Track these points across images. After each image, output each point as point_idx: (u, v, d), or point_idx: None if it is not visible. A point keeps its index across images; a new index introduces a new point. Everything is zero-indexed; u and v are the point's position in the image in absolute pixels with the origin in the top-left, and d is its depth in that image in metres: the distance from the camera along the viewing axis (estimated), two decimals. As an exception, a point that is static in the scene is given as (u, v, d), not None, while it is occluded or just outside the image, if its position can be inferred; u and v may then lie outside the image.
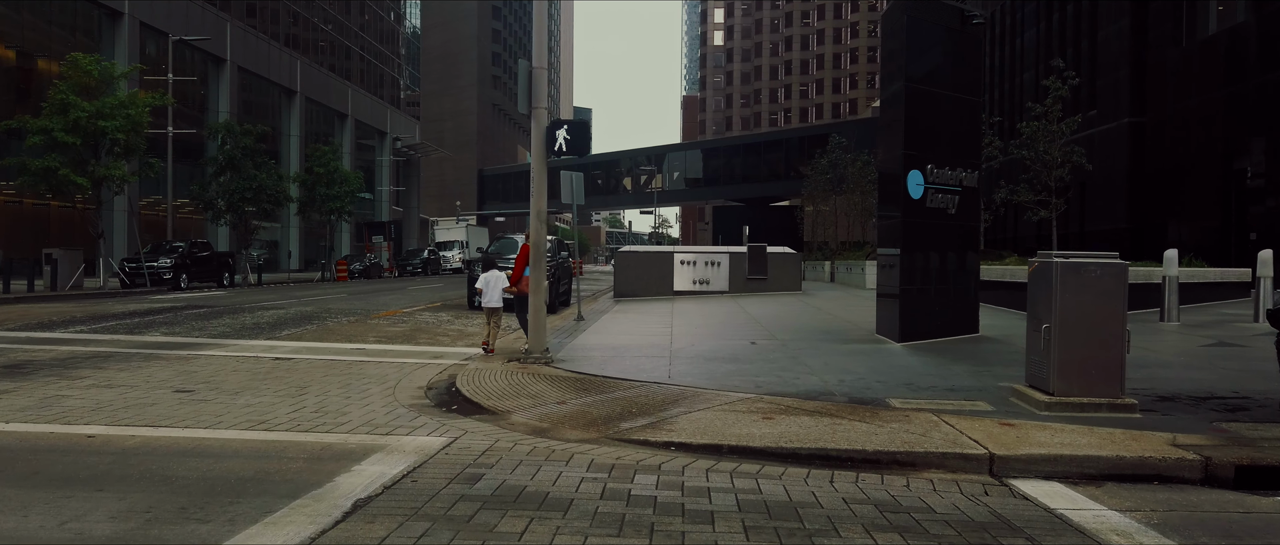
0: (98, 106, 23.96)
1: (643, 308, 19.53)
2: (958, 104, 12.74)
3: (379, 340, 13.17)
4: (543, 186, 10.17)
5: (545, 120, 10.11)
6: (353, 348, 12.09)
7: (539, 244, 10.11)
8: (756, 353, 10.94)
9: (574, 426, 6.79)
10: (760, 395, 7.89)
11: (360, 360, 10.79)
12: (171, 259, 27.64)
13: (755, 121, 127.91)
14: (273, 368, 9.99)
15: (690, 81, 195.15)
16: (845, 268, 33.45)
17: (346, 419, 7.03)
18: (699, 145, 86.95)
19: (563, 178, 16.30)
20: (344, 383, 8.95)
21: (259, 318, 16.52)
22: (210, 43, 42.69)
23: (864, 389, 8.24)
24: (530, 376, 9.08)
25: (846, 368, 9.58)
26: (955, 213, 12.59)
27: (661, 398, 7.87)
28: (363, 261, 45.79)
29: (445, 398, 8.18)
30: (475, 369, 9.60)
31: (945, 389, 8.25)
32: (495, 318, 11.43)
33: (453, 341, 13.18)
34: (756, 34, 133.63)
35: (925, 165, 12.10)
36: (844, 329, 14.08)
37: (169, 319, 16.07)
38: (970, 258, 13.02)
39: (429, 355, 11.47)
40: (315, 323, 15.70)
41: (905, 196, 11.86)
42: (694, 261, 24.04)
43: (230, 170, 33.56)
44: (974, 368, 9.58)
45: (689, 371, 9.36)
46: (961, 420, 6.78)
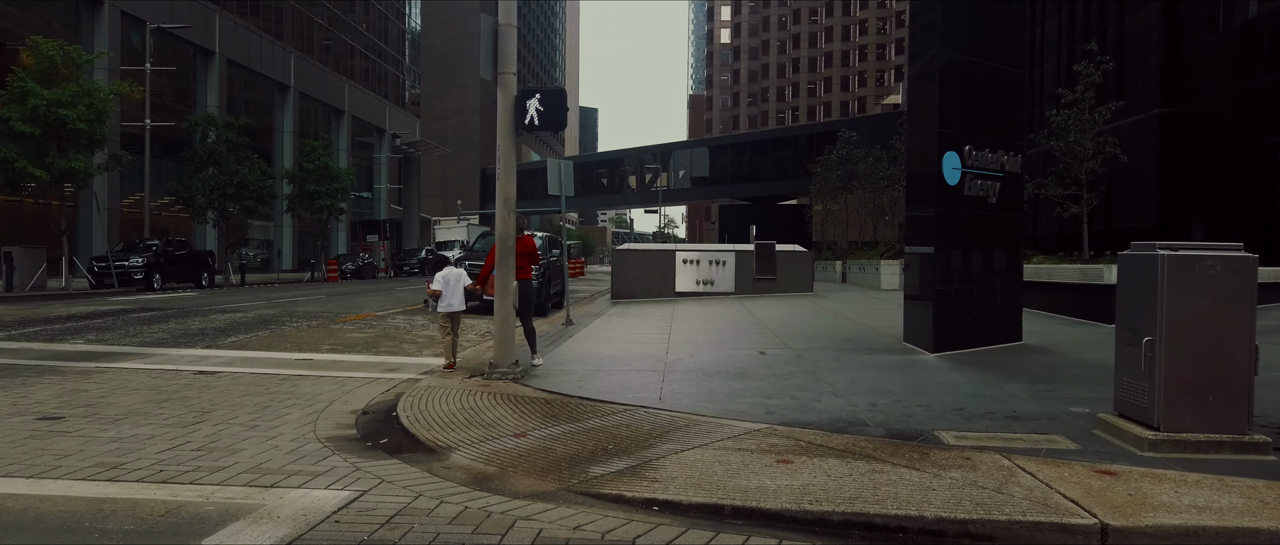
0: (57, 95, 22.38)
1: (640, 311, 17.86)
2: (998, 77, 11.03)
3: (333, 349, 11.53)
4: (511, 168, 8.51)
5: (514, 88, 8.45)
6: (297, 359, 10.44)
7: (506, 237, 8.44)
8: (766, 366, 9.26)
9: (529, 472, 5.13)
10: (773, 426, 6.20)
11: (299, 374, 9.14)
12: (143, 258, 26.04)
13: (762, 120, 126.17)
14: (186, 385, 8.34)
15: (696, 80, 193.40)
16: (858, 267, 31.73)
17: (232, 461, 5.38)
18: (705, 143, 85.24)
19: (550, 166, 14.65)
20: (261, 406, 7.30)
21: (211, 322, 14.89)
22: (196, 34, 41.19)
23: (904, 416, 6.55)
24: (491, 398, 7.41)
25: (877, 386, 7.88)
26: (996, 202, 10.88)
27: (648, 428, 6.19)
28: (356, 261, 44.18)
29: (378, 427, 6.53)
30: (427, 387, 7.94)
31: (1006, 417, 6.55)
32: (454, 325, 9.71)
33: (417, 351, 11.52)
34: (764, 32, 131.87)
35: (963, 147, 10.40)
36: (866, 336, 12.37)
37: (107, 324, 14.45)
38: (1013, 254, 11.30)
39: (383, 367, 9.82)
40: (271, 328, 14.07)
41: (940, 183, 10.17)
42: (697, 260, 22.36)
43: (212, 165, 31.97)
44: (1033, 387, 7.88)
45: (685, 391, 7.68)
46: (1043, 466, 5.08)
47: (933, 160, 10.21)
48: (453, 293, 9.68)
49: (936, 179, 10.16)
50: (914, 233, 11.02)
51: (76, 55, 23.62)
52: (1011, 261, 11.26)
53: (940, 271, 10.26)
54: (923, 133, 10.65)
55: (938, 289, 10.21)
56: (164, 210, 39.56)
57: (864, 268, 30.54)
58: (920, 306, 10.70)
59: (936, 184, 10.16)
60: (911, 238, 11.16)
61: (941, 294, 10.26)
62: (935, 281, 10.20)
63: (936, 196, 10.18)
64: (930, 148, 10.30)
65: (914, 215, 11.01)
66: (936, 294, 10.19)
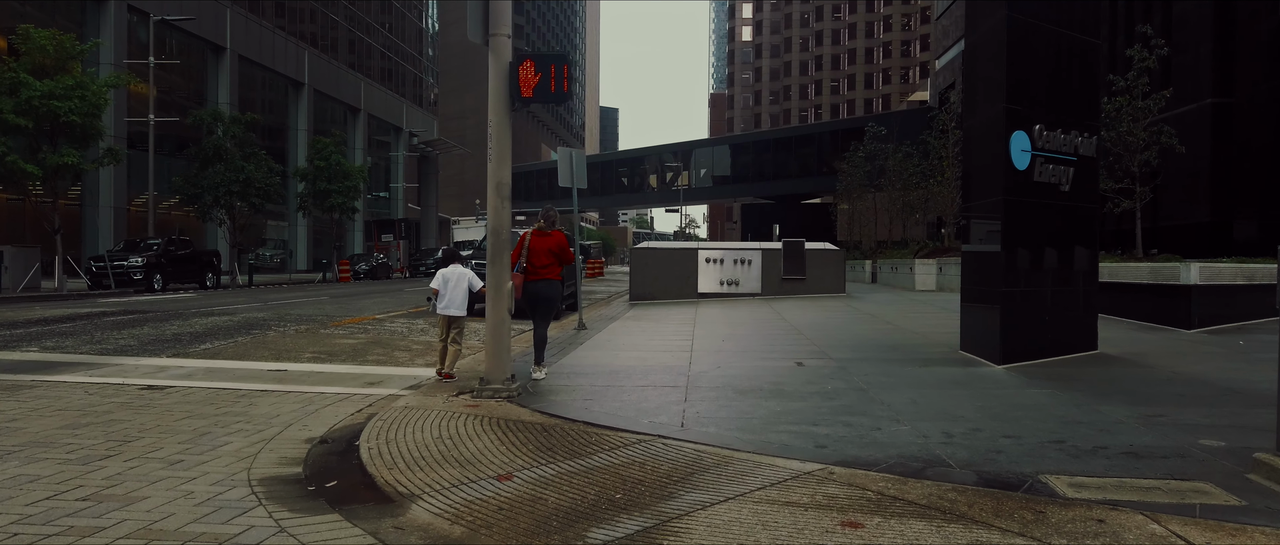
0: (51, 87, 21.34)
1: (660, 313, 16.52)
2: (1071, 45, 9.60)
3: (315, 357, 10.27)
4: (506, 147, 7.20)
5: (507, 54, 7.14)
6: (270, 369, 9.18)
7: (499, 230, 7.13)
8: (807, 380, 7.89)
9: (507, 536, 3.81)
10: (827, 467, 4.84)
11: (263, 390, 7.87)
12: (143, 258, 24.98)
13: (785, 118, 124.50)
14: (123, 404, 7.09)
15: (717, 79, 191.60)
16: (889, 268, 30.21)
17: (118, 520, 4.10)
18: (727, 140, 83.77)
19: (560, 155, 13.35)
20: (199, 432, 6.03)
21: (191, 326, 13.69)
22: (206, 29, 40.26)
23: (992, 452, 5.18)
24: (477, 423, 6.10)
25: (946, 409, 6.49)
26: (1069, 190, 9.45)
27: (667, 468, 4.85)
28: (370, 262, 43.10)
29: (331, 463, 5.24)
30: (405, 408, 6.64)
31: (1123, 453, 5.15)
32: (455, 331, 8.41)
33: (410, 359, 10.24)
34: (786, 29, 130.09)
35: (1032, 125, 8.98)
36: (915, 344, 10.96)
37: (75, 329, 13.26)
38: (1088, 251, 9.86)
39: (365, 381, 8.53)
40: (254, 333, 12.84)
41: (1007, 168, 8.76)
42: (721, 259, 20.99)
43: (217, 161, 30.94)
44: (1137, 411, 6.46)
45: (713, 414, 6.33)
46: (1212, 535, 3.70)
47: (998, 141, 8.79)
48: (452, 293, 8.38)
49: (1003, 163, 8.75)
50: (974, 226, 9.60)
51: (70, 45, 22.58)
52: (1086, 259, 9.82)
53: (1008, 270, 8.85)
54: (985, 110, 9.23)
55: (1005, 291, 8.79)
56: (174, 210, 38.65)
57: (896, 268, 29.02)
58: (983, 311, 9.28)
59: (1003, 169, 8.75)
60: (971, 232, 9.74)
61: (1010, 296, 8.83)
62: (1003, 282, 8.78)
63: (1003, 183, 8.77)
64: (995, 127, 8.89)
65: (974, 206, 9.59)
66: (1004, 296, 8.77)
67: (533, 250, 8.49)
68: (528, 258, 8.38)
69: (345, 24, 58.25)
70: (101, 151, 23.76)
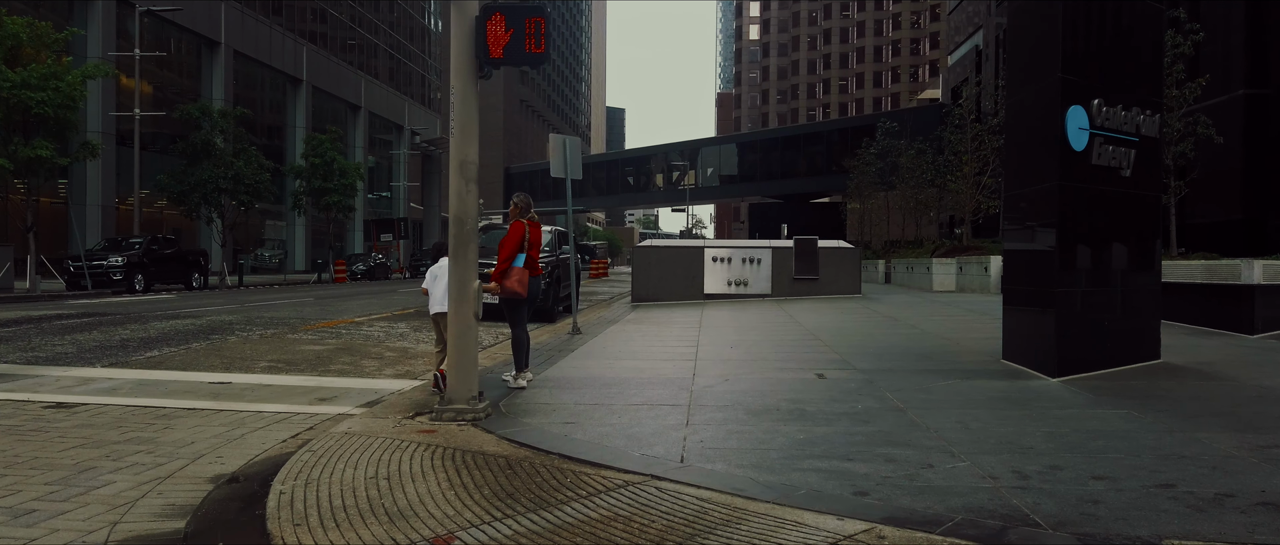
0: (22, 76, 20.22)
1: (663, 316, 15.32)
2: (1133, 10, 8.36)
3: (271, 366, 9.09)
4: (472, 119, 6.00)
5: (473, 7, 5.93)
6: (211, 382, 8.00)
7: (463, 218, 5.93)
8: (831, 397, 6.68)
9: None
10: (874, 526, 3.62)
11: (190, 408, 6.70)
12: (123, 257, 23.87)
13: (792, 117, 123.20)
14: (9, 429, 5.92)
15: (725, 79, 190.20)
16: (905, 267, 28.93)
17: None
18: (734, 139, 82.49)
19: (553, 142, 12.17)
20: (82, 466, 4.85)
21: (148, 331, 12.51)
22: (200, 22, 39.20)
23: (1084, 501, 3.96)
24: (427, 456, 4.90)
25: (1009, 437, 5.27)
26: (1130, 175, 8.21)
27: (660, 528, 3.65)
28: (368, 262, 41.97)
29: (225, 515, 4.07)
30: (346, 434, 5.45)
31: (1257, 504, 3.93)
32: (441, 330, 7.20)
33: (377, 369, 9.06)
34: (793, 27, 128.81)
35: (1090, 100, 7.74)
36: (948, 352, 9.73)
37: (16, 334, 12.07)
38: (1150, 246, 8.62)
39: (315, 397, 7.36)
40: (215, 338, 11.67)
41: (1062, 148, 7.53)
42: (728, 258, 19.77)
43: (206, 158, 29.81)
44: (1247, 440, 5.22)
45: (721, 443, 5.13)
46: None
47: (1052, 117, 7.56)
48: (443, 290, 7.18)
49: (1058, 142, 7.52)
50: (1020, 216, 8.36)
51: (45, 34, 21.46)
52: (1150, 255, 8.58)
53: (1064, 268, 7.61)
54: (1037, 80, 7.99)
55: (1063, 291, 7.56)
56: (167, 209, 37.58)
57: (912, 267, 27.75)
58: (1032, 314, 8.04)
59: (1058, 149, 7.52)
60: (1015, 225, 8.50)
61: (1066, 298, 7.60)
62: (1058, 281, 7.54)
63: (1058, 166, 7.54)
64: (1049, 100, 7.66)
65: (1021, 195, 8.35)
66: (1061, 298, 7.53)
67: (532, 242, 7.43)
68: (529, 251, 7.31)
69: (347, 21, 57.19)
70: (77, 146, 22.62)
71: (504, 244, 7.29)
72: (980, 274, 21.24)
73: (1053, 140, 7.57)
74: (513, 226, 7.43)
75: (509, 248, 7.27)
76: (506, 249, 7.26)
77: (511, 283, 7.23)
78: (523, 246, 7.40)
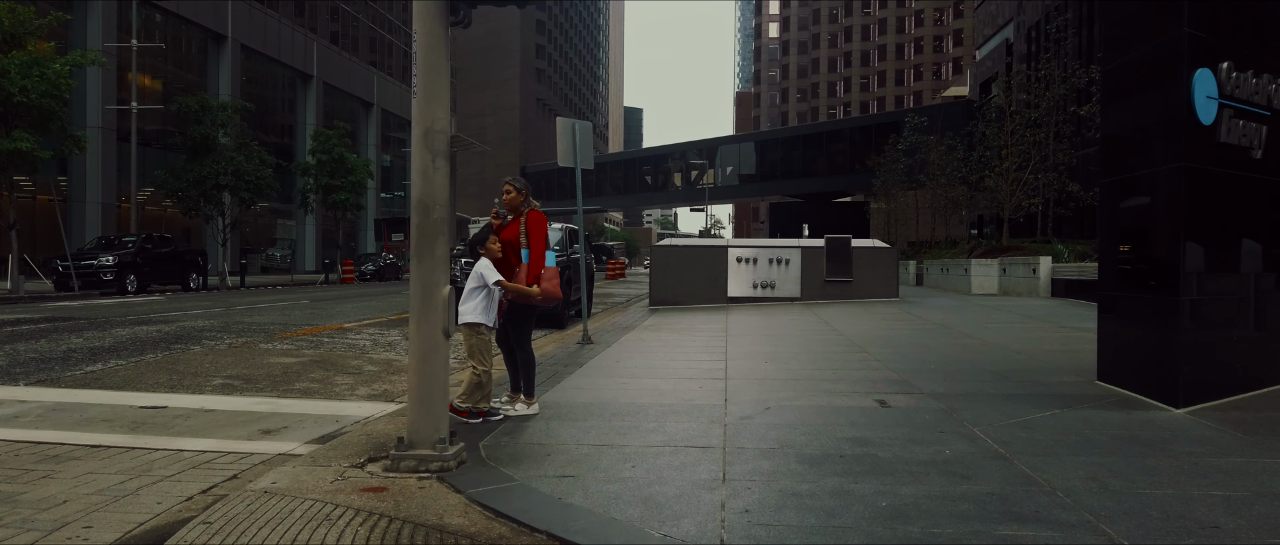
0: (2, 63, 19.03)
1: (684, 322, 13.88)
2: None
3: (224, 385, 7.72)
4: (440, 74, 4.59)
5: (445, -77, 4.51)
6: (142, 407, 6.63)
7: (429, 204, 4.52)
8: (906, 435, 5.22)
9: None
10: None
11: (95, 445, 5.34)
12: (115, 256, 22.66)
13: (812, 116, 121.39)
14: None
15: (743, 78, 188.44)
16: (939, 269, 27.31)
17: None
18: (753, 137, 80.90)
19: (560, 126, 10.75)
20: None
21: (104, 339, 11.17)
22: (203, 14, 38.09)
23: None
24: (362, 532, 3.49)
25: (1174, 506, 3.79)
26: (1261, 157, 6.69)
27: None
28: (378, 262, 40.73)
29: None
30: (264, 493, 4.06)
31: None
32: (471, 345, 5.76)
33: (349, 389, 7.68)
34: (814, 25, 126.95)
35: (1218, 62, 6.23)
36: (1026, 369, 8.22)
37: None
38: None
39: (259, 426, 5.98)
40: (176, 348, 10.32)
41: (1187, 120, 6.03)
42: (754, 259, 18.29)
43: (206, 153, 28.61)
44: None
45: (774, 516, 3.67)
46: None
47: (1174, 82, 6.06)
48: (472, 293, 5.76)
49: (1181, 113, 6.01)
50: (1125, 207, 6.85)
51: (26, 19, 20.25)
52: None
53: (1189, 270, 6.10)
54: (1152, 37, 6.48)
55: (1186, 299, 6.04)
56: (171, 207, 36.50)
57: (947, 269, 26.14)
58: (1144, 328, 6.53)
59: (1181, 122, 6.02)
60: (1116, 216, 6.99)
61: (1192, 307, 6.09)
62: (1181, 286, 6.03)
63: (1181, 143, 6.04)
64: (1170, 62, 6.15)
65: (1127, 180, 6.83)
66: (1184, 307, 6.02)
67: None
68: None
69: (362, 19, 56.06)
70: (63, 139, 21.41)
71: (533, 237, 5.88)
72: (1027, 276, 19.65)
73: (1175, 112, 6.06)
74: (532, 217, 5.99)
75: (539, 240, 5.87)
76: (537, 241, 5.85)
77: (549, 285, 5.84)
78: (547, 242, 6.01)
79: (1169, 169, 6.15)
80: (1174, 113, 6.09)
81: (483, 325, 5.65)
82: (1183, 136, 6.03)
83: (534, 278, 5.75)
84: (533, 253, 5.77)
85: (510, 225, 5.97)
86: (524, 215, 5.92)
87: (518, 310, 5.98)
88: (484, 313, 5.68)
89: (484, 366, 5.61)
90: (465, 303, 5.69)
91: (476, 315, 5.65)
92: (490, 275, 5.66)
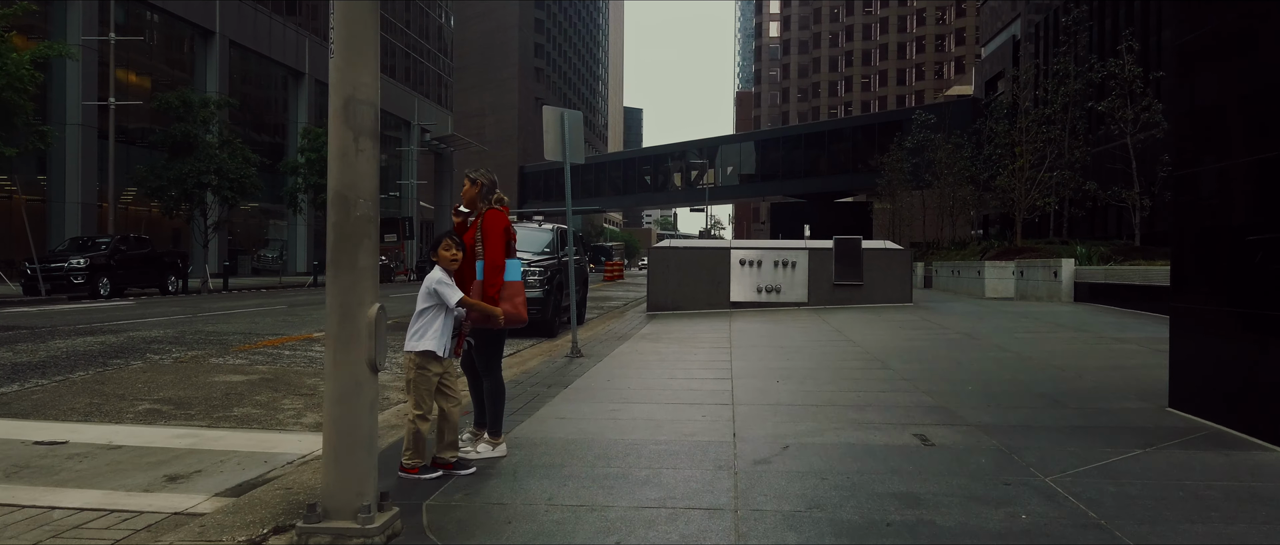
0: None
1: (684, 330, 12.81)
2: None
3: (149, 411, 6.64)
4: (365, 28, 3.49)
5: None
6: (36, 442, 5.56)
7: (348, 194, 3.42)
8: (964, 489, 4.14)
9: None
10: None
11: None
12: (86, 258, 21.59)
13: (813, 116, 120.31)
14: None
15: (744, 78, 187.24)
16: (950, 271, 26.22)
17: None
18: (753, 136, 79.83)
19: (547, 115, 9.68)
20: None
21: (34, 353, 10.06)
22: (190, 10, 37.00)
23: None
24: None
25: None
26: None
27: None
28: (370, 263, 39.65)
29: None
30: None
31: None
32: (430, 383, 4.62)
33: (296, 414, 6.62)
34: (815, 24, 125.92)
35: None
36: (1082, 392, 7.13)
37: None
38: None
39: (166, 472, 4.91)
40: (115, 363, 9.24)
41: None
42: (758, 262, 17.22)
43: (188, 151, 27.52)
44: None
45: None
46: None
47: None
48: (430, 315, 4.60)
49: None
50: (1209, 201, 5.76)
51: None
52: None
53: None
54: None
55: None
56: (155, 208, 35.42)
57: (958, 271, 25.06)
58: (1242, 347, 5.44)
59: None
60: (1203, 211, 5.90)
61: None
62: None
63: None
64: (1275, 25, 5.06)
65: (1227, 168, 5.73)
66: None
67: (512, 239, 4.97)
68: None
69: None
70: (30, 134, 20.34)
71: (488, 242, 4.75)
72: (1047, 280, 18.57)
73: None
74: (488, 217, 4.88)
75: (496, 248, 4.75)
76: (492, 248, 4.74)
77: (511, 305, 4.74)
78: (510, 248, 4.90)
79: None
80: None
81: (433, 355, 4.52)
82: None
83: (491, 294, 4.66)
84: (487, 262, 4.68)
85: (472, 226, 4.89)
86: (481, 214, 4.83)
87: (485, 334, 4.89)
88: (436, 338, 4.53)
89: (421, 409, 4.44)
90: (412, 323, 4.55)
91: (426, 340, 4.50)
92: (450, 294, 4.51)
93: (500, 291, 4.68)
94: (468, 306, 4.59)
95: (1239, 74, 5.47)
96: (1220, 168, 5.61)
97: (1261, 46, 5.23)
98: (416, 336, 4.48)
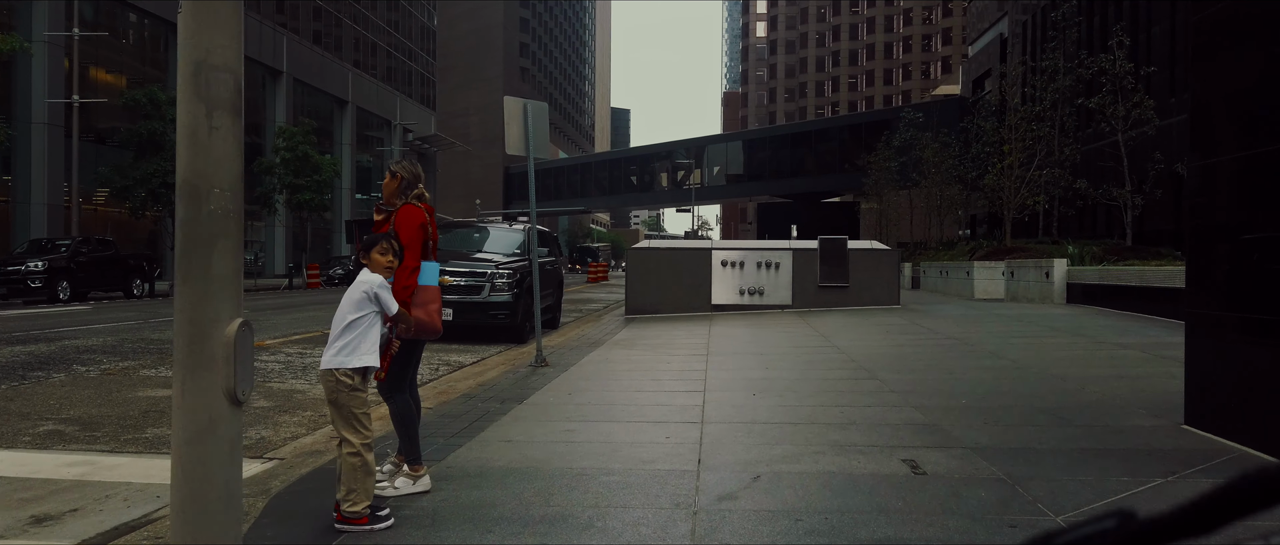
0: (-93, 49, 17.19)
1: (661, 335, 12.15)
2: None
3: (50, 433, 5.94)
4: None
5: None
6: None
7: (198, 183, 2.74)
8: (964, 535, 3.49)
9: None
10: None
11: None
12: (45, 261, 20.76)
13: (800, 116, 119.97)
14: None
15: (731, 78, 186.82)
16: (938, 272, 25.66)
17: None
18: (741, 136, 79.33)
19: (509, 106, 9.02)
20: None
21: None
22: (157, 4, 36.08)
23: None
24: None
25: None
26: None
27: None
28: (347, 266, 38.85)
29: None
30: None
31: None
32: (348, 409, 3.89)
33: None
34: (802, 24, 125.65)
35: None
36: (1087, 406, 6.50)
37: None
38: None
39: (36, 511, 4.22)
40: (36, 374, 8.52)
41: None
42: (741, 262, 16.58)
43: (154, 151, 26.70)
44: None
45: None
46: None
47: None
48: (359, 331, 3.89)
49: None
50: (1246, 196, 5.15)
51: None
52: None
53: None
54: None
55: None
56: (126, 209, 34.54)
57: (946, 272, 24.50)
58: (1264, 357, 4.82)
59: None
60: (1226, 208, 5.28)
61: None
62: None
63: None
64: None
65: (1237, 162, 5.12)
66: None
67: (433, 238, 4.40)
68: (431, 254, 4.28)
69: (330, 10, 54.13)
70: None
71: (405, 239, 4.12)
72: (1038, 280, 18.00)
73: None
74: (402, 213, 4.26)
75: (412, 247, 4.12)
76: (408, 247, 4.10)
77: (424, 313, 4.11)
78: (427, 249, 4.27)
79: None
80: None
81: (370, 373, 3.84)
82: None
83: (403, 298, 4.00)
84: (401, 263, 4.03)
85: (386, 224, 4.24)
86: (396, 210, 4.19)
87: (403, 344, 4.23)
88: (373, 352, 3.85)
89: (362, 438, 3.76)
90: (340, 336, 3.85)
91: (364, 355, 3.80)
92: (391, 301, 3.84)
93: (413, 296, 4.04)
94: (403, 319, 3.95)
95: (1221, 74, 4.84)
96: (1251, 156, 4.98)
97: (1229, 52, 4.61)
98: (347, 351, 3.78)
